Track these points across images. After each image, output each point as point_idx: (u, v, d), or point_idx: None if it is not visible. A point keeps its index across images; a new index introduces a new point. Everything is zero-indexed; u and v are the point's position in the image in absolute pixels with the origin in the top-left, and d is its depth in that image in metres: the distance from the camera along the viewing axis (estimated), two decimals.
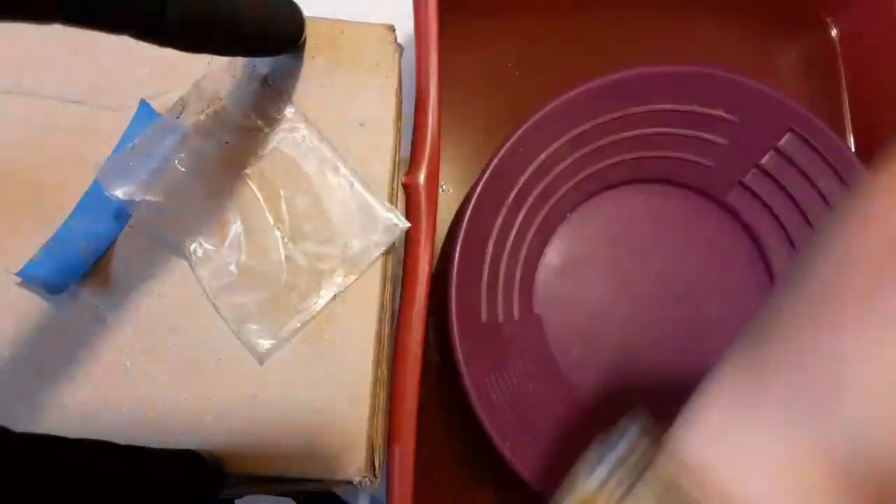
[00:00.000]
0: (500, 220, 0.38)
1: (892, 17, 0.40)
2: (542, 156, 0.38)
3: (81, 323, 0.28)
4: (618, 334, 0.40)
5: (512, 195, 0.38)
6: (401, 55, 0.32)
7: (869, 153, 0.37)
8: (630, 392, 0.39)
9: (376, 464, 0.28)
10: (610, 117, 0.38)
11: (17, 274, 0.27)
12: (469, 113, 0.43)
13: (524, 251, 0.39)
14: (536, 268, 0.40)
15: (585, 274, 0.41)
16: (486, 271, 0.38)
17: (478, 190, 0.36)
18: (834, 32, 0.45)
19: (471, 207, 0.36)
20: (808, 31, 0.45)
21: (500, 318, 0.38)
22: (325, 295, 0.29)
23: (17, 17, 0.17)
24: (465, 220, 0.36)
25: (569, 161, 0.39)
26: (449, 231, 0.41)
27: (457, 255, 0.36)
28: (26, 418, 0.27)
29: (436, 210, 0.32)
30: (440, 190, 0.40)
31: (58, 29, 0.18)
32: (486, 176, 0.37)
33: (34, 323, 0.28)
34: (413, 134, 0.33)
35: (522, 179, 0.38)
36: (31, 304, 0.28)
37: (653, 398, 0.26)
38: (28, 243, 0.28)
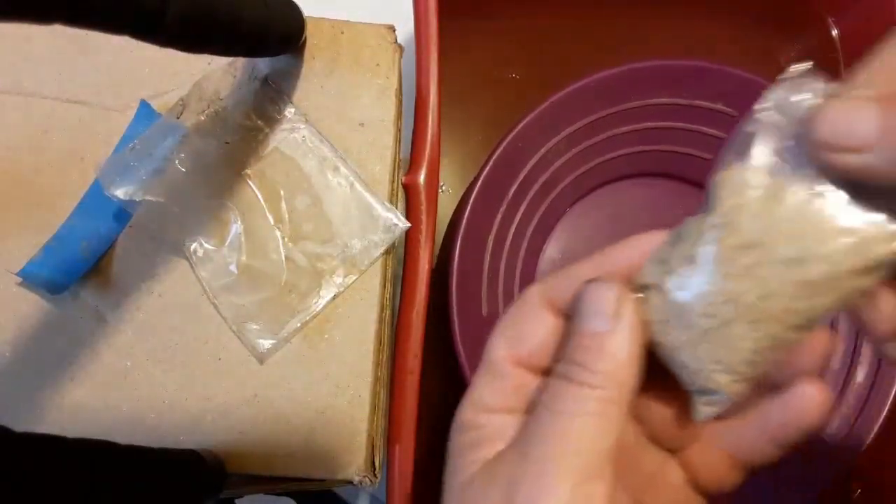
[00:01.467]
0: (500, 214, 0.38)
1: (892, 18, 0.40)
2: (542, 150, 0.38)
3: (82, 323, 0.28)
4: None
5: (512, 190, 0.38)
6: (401, 55, 0.32)
7: None
8: None
9: (376, 464, 0.28)
10: (609, 112, 0.38)
11: (18, 274, 0.27)
12: (468, 114, 0.43)
13: (525, 245, 0.39)
14: (537, 261, 0.40)
15: None
16: (486, 265, 0.38)
17: (478, 185, 0.36)
18: (834, 32, 0.45)
19: (471, 202, 0.36)
20: (809, 30, 0.45)
21: (501, 312, 0.38)
22: (326, 295, 0.29)
23: (17, 17, 0.17)
24: (466, 215, 0.36)
25: (568, 156, 0.39)
26: (449, 226, 0.41)
27: (457, 249, 0.36)
28: (26, 418, 0.28)
29: (436, 210, 0.32)
30: (440, 190, 0.40)
31: (58, 29, 0.18)
32: (486, 171, 0.37)
33: (35, 323, 0.28)
34: (413, 134, 0.33)
35: (522, 174, 0.38)
36: (31, 304, 0.28)
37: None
38: (29, 243, 0.28)
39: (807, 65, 0.18)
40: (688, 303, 0.18)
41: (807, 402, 0.20)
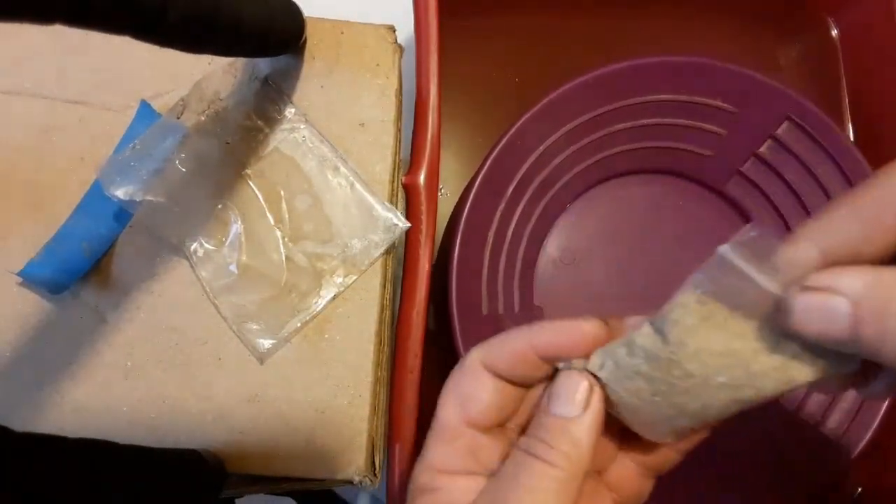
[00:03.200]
0: (499, 212, 0.38)
1: (892, 17, 0.40)
2: (541, 148, 0.38)
3: (82, 323, 0.28)
4: None
5: (511, 187, 0.38)
6: (401, 55, 0.32)
7: (869, 151, 0.37)
8: None
9: (376, 464, 0.28)
10: (608, 108, 0.38)
11: (18, 274, 0.27)
12: (468, 114, 0.43)
13: (524, 243, 0.39)
14: (536, 260, 0.40)
15: (586, 265, 0.41)
16: (486, 264, 0.38)
17: (477, 183, 0.36)
18: (834, 32, 0.45)
19: (470, 200, 0.36)
20: (809, 30, 0.45)
21: (501, 311, 0.38)
22: (326, 295, 0.29)
23: (17, 17, 0.17)
24: (465, 213, 0.36)
25: (567, 153, 0.39)
26: (449, 224, 0.41)
27: (457, 247, 0.36)
28: (26, 418, 0.28)
29: (436, 210, 0.32)
30: (439, 194, 0.40)
31: (58, 29, 0.18)
32: (485, 169, 0.37)
33: (35, 323, 0.28)
34: (413, 134, 0.33)
35: (521, 171, 0.38)
36: (31, 304, 0.28)
37: None
38: (29, 243, 0.28)
39: (754, 231, 0.20)
40: (641, 406, 0.22)
41: None
